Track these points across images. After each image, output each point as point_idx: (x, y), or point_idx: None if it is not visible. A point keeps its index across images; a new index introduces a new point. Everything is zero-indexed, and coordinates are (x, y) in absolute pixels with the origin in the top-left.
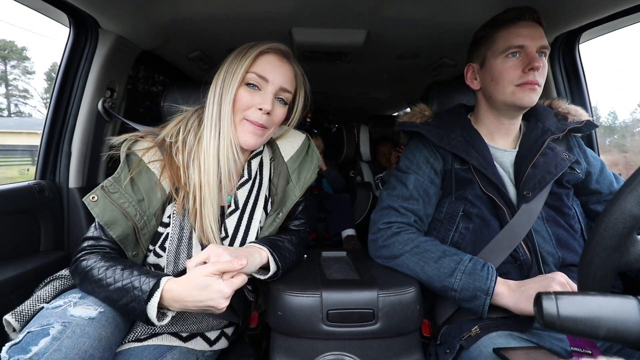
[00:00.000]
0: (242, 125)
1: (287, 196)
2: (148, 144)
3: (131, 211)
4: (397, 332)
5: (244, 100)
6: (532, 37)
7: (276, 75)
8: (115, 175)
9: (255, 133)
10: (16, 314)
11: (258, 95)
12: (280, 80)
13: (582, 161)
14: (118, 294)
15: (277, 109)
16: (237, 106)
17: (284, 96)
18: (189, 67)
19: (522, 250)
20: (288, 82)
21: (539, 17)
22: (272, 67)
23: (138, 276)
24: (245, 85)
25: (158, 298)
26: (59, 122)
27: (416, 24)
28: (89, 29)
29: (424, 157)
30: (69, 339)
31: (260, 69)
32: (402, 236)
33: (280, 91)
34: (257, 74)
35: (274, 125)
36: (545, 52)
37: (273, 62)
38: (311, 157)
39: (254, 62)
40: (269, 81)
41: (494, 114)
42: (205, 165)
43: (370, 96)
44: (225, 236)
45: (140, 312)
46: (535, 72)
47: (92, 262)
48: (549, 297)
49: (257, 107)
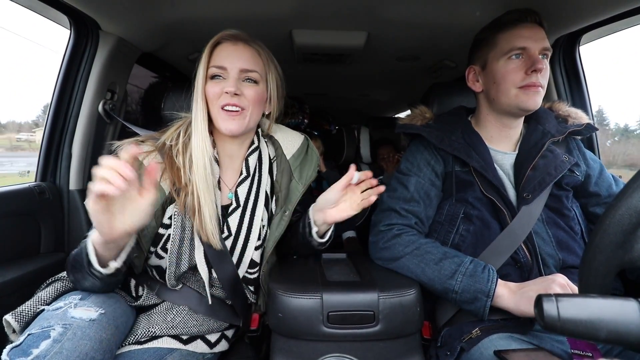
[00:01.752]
0: (220, 115)
1: (292, 193)
2: (148, 148)
3: None
4: (398, 334)
5: (211, 91)
6: (534, 38)
7: (232, 60)
8: None
9: (232, 117)
10: (16, 315)
11: (223, 83)
12: (238, 63)
13: (581, 164)
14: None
15: (247, 89)
16: (209, 99)
17: (249, 76)
18: (189, 68)
19: (522, 252)
20: (247, 62)
21: (541, 19)
22: (227, 54)
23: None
24: (210, 79)
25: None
26: (59, 124)
27: (417, 26)
28: (89, 31)
29: (425, 159)
30: (69, 342)
31: (218, 61)
32: (402, 238)
33: (242, 73)
34: (215, 66)
35: (251, 104)
36: (547, 54)
37: (227, 49)
38: (311, 156)
39: (211, 56)
40: (227, 68)
41: (495, 116)
42: (196, 163)
43: (370, 98)
44: (228, 235)
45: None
46: (538, 74)
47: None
48: (550, 299)
49: (224, 91)
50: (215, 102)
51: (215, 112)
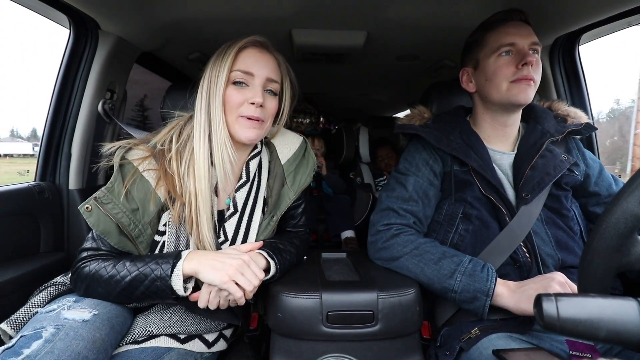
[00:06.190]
0: (238, 123)
1: (282, 199)
2: (143, 153)
3: (125, 221)
4: (397, 333)
5: (234, 98)
6: (521, 34)
7: (260, 67)
8: (109, 185)
9: (253, 127)
10: (11, 322)
11: (247, 91)
12: (265, 71)
13: (580, 163)
14: (137, 282)
15: (269, 101)
16: (228, 106)
17: (272, 87)
18: (189, 68)
19: (521, 252)
20: (273, 72)
21: (527, 17)
22: (255, 60)
23: (153, 259)
24: (232, 84)
25: (181, 267)
26: (59, 124)
27: (416, 26)
28: (89, 31)
29: (423, 159)
30: (61, 342)
31: (244, 65)
32: (401, 238)
33: (267, 82)
34: (241, 71)
35: (269, 117)
36: (537, 49)
37: (255, 55)
38: (307, 160)
39: (235, 60)
40: (254, 75)
41: (490, 114)
42: (197, 173)
43: (370, 97)
44: (224, 240)
45: (165, 287)
46: (529, 67)
47: (95, 265)
48: (549, 298)
49: (249, 102)
50: (235, 110)
51: (232, 119)
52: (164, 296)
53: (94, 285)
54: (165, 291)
